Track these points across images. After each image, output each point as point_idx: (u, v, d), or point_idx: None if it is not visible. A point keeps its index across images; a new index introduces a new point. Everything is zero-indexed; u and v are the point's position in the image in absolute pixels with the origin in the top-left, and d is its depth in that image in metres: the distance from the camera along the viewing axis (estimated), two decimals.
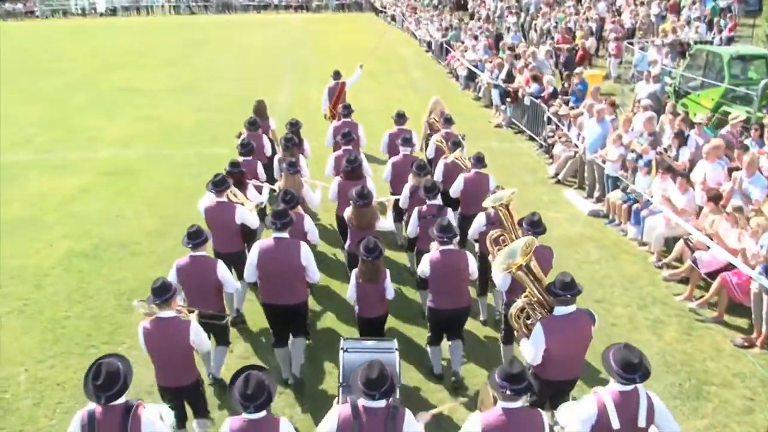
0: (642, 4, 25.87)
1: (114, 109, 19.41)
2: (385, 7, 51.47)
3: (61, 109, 19.52)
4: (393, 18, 46.03)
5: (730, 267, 7.96)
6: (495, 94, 18.24)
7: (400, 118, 10.56)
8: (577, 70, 16.09)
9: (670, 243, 9.46)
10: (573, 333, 5.15)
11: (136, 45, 35.11)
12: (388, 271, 6.52)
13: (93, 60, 29.51)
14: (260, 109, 11.25)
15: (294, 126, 10.17)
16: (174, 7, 62.85)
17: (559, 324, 5.12)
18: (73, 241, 10.27)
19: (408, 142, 9.32)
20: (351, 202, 7.28)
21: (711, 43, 20.60)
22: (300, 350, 6.85)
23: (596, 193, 11.76)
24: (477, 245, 7.79)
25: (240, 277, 7.15)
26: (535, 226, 6.31)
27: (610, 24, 23.50)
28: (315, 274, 6.64)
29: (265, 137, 10.58)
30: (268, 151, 10.42)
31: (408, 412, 4.27)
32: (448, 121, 10.45)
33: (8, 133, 16.81)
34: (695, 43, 19.64)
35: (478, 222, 7.37)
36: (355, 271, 6.45)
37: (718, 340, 7.64)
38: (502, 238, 6.49)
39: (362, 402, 4.16)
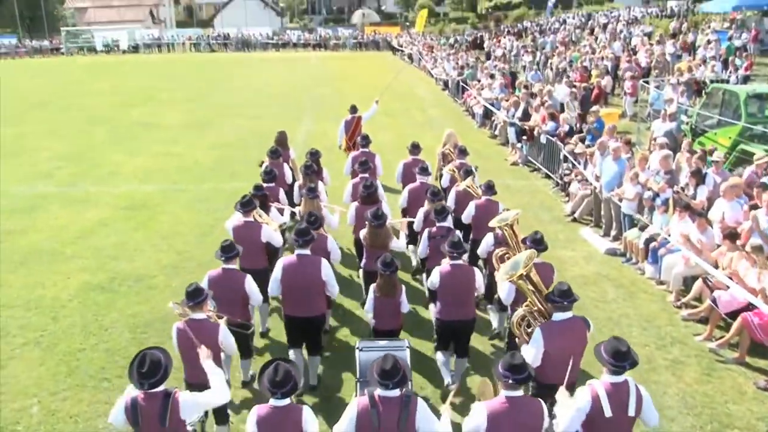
0: (658, 43, 26.01)
1: (134, 144, 19.72)
2: (401, 46, 52.12)
3: (83, 144, 19.88)
4: (410, 57, 46.59)
5: (751, 307, 7.82)
6: (511, 132, 18.30)
7: (415, 148, 11.11)
8: (594, 108, 16.10)
9: (688, 282, 9.33)
10: (570, 337, 5.55)
11: (156, 81, 35.79)
12: (403, 287, 6.87)
13: (115, 96, 30.08)
14: (281, 139, 11.82)
15: (314, 155, 10.71)
16: (194, 44, 64.17)
17: (557, 328, 5.56)
18: (90, 274, 10.31)
19: (425, 171, 9.83)
20: (367, 223, 7.77)
21: (727, 81, 20.62)
22: (316, 365, 7.32)
23: (613, 232, 11.66)
24: (484, 265, 8.38)
25: (264, 292, 7.27)
26: (538, 243, 6.86)
27: (626, 63, 23.62)
28: (334, 288, 7.02)
29: (285, 165, 11.03)
30: (289, 179, 10.88)
31: (420, 401, 4.62)
32: (463, 152, 10.91)
33: (32, 165, 17.20)
34: (711, 81, 19.66)
35: (487, 242, 7.90)
36: (373, 286, 6.80)
37: (740, 381, 7.46)
38: (507, 255, 6.96)
39: (378, 392, 4.54)
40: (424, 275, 8.68)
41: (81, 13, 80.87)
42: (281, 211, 9.16)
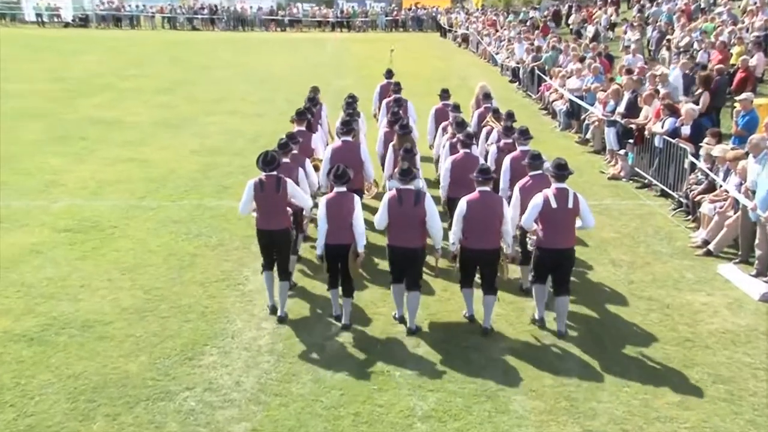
0: None
1: (82, 147, 19.89)
2: (452, 26, 52.38)
3: (8, 144, 19.80)
4: (464, 39, 46.82)
5: None
6: (610, 134, 18.04)
7: (445, 93, 16.11)
8: (742, 96, 15.39)
9: None
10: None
11: (115, 66, 36.44)
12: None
13: (55, 83, 30.83)
14: (316, 90, 16.11)
15: (351, 98, 15.35)
16: (168, 19, 65.23)
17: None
18: (12, 320, 10.01)
19: (457, 108, 14.57)
20: (396, 135, 12.73)
21: None
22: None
23: None
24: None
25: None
26: (508, 130, 12.65)
27: None
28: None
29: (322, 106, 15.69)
30: (324, 121, 15.45)
31: (428, 195, 9.58)
32: (487, 96, 15.88)
33: None
34: None
35: (492, 138, 13.61)
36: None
37: None
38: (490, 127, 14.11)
39: (400, 186, 9.47)
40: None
41: None
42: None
